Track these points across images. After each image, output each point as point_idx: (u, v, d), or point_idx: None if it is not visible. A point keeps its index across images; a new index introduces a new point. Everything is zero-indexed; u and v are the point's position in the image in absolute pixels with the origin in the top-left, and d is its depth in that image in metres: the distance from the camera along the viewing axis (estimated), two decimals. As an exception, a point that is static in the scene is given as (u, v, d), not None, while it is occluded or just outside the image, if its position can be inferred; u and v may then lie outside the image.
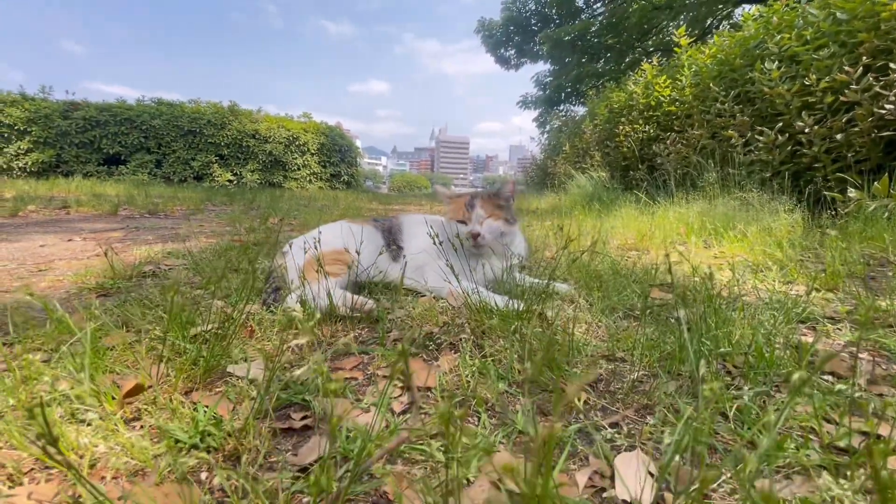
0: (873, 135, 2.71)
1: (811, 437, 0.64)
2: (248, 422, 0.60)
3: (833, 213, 2.70)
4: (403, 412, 0.75)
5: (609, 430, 0.68)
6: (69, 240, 2.70)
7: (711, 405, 0.70)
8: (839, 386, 0.68)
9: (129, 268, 1.75)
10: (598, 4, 13.06)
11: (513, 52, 14.67)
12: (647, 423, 0.69)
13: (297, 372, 0.54)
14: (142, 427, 0.67)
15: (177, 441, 0.62)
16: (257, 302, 1.25)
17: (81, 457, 0.58)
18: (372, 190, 18.42)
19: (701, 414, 0.48)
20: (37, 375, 0.72)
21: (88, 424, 0.64)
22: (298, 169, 11.27)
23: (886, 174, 2.39)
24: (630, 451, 0.62)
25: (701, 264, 1.76)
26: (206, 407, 0.70)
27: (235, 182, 10.47)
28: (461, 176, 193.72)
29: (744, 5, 10.84)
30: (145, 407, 0.70)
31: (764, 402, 0.75)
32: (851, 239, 2.13)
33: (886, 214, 2.32)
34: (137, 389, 0.72)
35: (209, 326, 1.00)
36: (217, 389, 0.80)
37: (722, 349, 0.81)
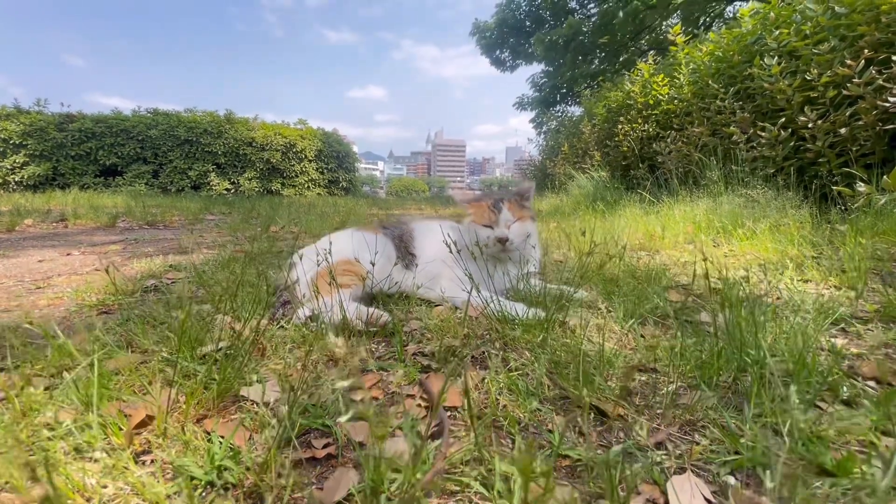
0: (878, 128, 2.68)
1: (872, 452, 0.60)
2: (270, 454, 0.55)
3: (842, 208, 2.67)
4: (431, 436, 0.70)
5: (655, 450, 0.64)
6: (68, 254, 2.65)
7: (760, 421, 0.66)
8: (902, 398, 0.64)
9: (131, 282, 1.70)
10: (591, 5, 13.09)
11: (507, 53, 14.68)
12: (696, 443, 0.64)
13: (338, 383, 0.49)
14: (153, 462, 0.62)
15: (191, 478, 0.57)
16: (266, 316, 1.21)
17: (88, 500, 0.53)
18: (370, 195, 18.38)
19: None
20: (39, 407, 0.68)
21: (95, 461, 0.59)
22: (296, 176, 11.23)
23: (895, 167, 2.36)
24: (681, 474, 0.58)
25: (721, 266, 1.72)
26: (222, 437, 0.65)
27: (233, 191, 10.42)
28: (458, 179, 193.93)
29: (735, 3, 10.89)
30: (156, 440, 0.65)
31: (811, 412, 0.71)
32: (863, 234, 2.10)
33: (897, 208, 2.29)
34: (147, 420, 0.68)
35: (219, 345, 0.96)
36: (231, 416, 0.75)
37: (767, 358, 0.76)
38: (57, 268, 2.23)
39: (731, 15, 10.93)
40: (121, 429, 0.67)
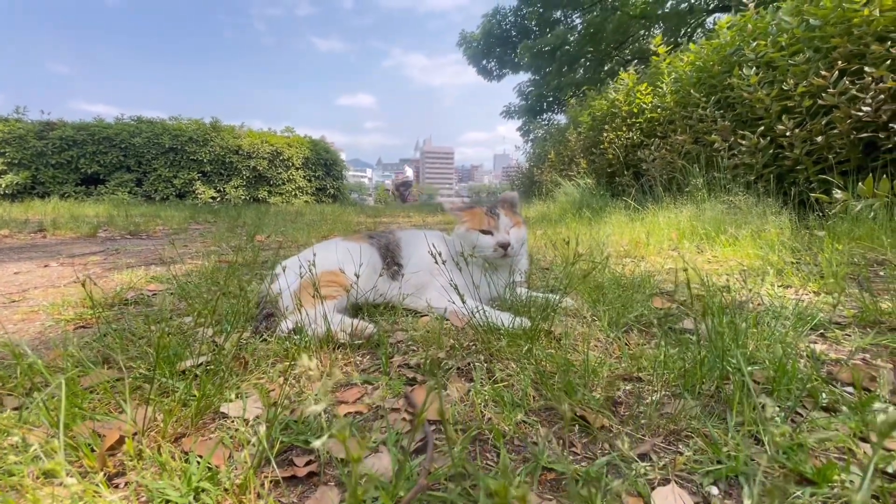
0: (852, 136, 2.76)
1: (851, 459, 0.61)
2: (249, 476, 0.54)
3: (820, 214, 2.74)
4: (416, 451, 0.69)
5: (639, 461, 0.64)
6: (45, 266, 2.58)
7: (743, 430, 0.67)
8: (878, 404, 0.65)
9: (110, 295, 1.66)
10: (576, 15, 13.35)
11: (494, 63, 14.86)
12: (680, 453, 0.64)
13: (310, 407, 0.48)
14: (126, 485, 0.60)
15: (167, 501, 0.56)
16: (248, 329, 1.19)
17: (58, 527, 0.51)
18: (358, 202, 18.31)
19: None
20: (6, 428, 0.65)
21: (65, 486, 0.57)
22: (283, 184, 11.14)
23: (870, 174, 2.43)
24: (665, 486, 0.58)
25: (704, 273, 1.74)
26: (200, 457, 0.63)
27: (219, 199, 10.29)
28: (447, 186, 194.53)
29: (715, 14, 11.20)
30: (130, 462, 0.63)
31: (792, 420, 0.72)
32: (840, 240, 2.15)
33: (872, 214, 2.36)
34: (121, 441, 0.65)
35: (199, 360, 0.93)
36: (211, 435, 0.73)
37: (746, 367, 0.77)
38: (33, 280, 2.17)
39: (711, 26, 11.24)
40: (93, 450, 0.65)
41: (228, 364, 0.84)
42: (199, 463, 0.62)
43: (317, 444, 0.35)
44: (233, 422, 0.76)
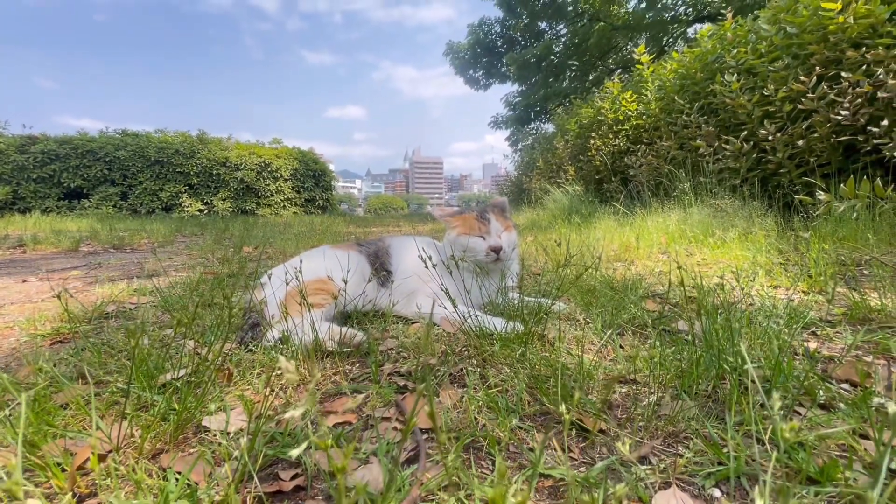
0: (832, 140, 2.82)
1: (853, 457, 0.59)
2: (230, 491, 0.50)
3: (804, 216, 2.78)
4: (408, 461, 0.66)
5: (639, 465, 0.61)
6: (24, 281, 2.50)
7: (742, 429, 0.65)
8: (876, 400, 0.64)
9: (90, 309, 1.60)
10: (561, 26, 13.60)
11: (481, 73, 15.03)
12: (679, 455, 0.62)
13: (288, 414, 0.45)
14: (99, 505, 0.57)
15: (142, 522, 0.52)
16: (234, 340, 1.15)
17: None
18: (348, 213, 18.24)
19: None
20: (-30, 449, 0.61)
21: (32, 509, 0.53)
22: (271, 195, 11.06)
23: (852, 177, 2.48)
24: (666, 489, 0.56)
25: (695, 274, 1.75)
26: (178, 474, 0.60)
27: (206, 211, 10.17)
28: (436, 196, 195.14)
29: (696, 24, 11.50)
30: (104, 481, 0.60)
31: (791, 418, 0.70)
32: (825, 240, 2.18)
33: (855, 215, 2.40)
34: (98, 458, 0.62)
35: (181, 372, 0.90)
36: (191, 450, 0.70)
37: (747, 363, 0.76)
38: (10, 296, 2.10)
39: (692, 35, 11.53)
40: (63, 470, 0.61)
41: (212, 375, 0.80)
42: (177, 480, 0.59)
43: (294, 453, 0.33)
44: (215, 435, 0.73)
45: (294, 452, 0.33)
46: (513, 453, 0.68)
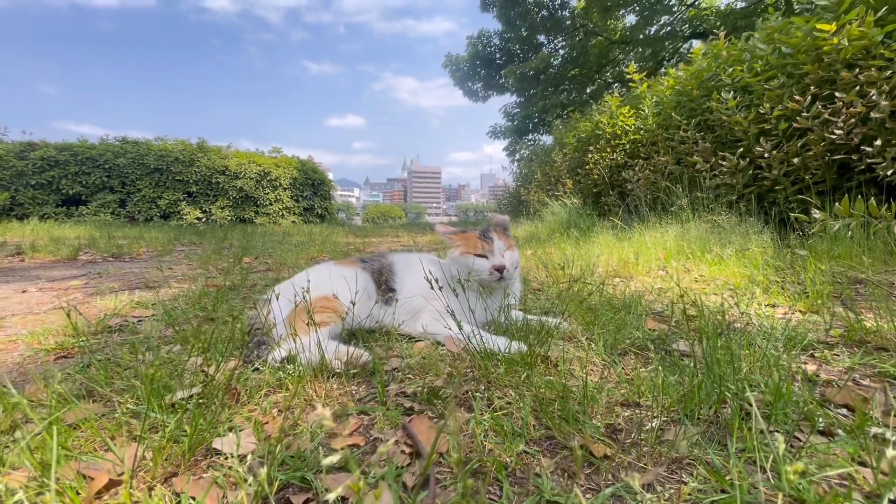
0: (827, 158, 2.88)
1: (852, 485, 0.61)
2: (246, 519, 0.52)
3: (800, 233, 2.82)
4: (417, 486, 0.67)
5: (644, 493, 0.63)
6: (23, 291, 2.50)
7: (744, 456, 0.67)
8: (875, 429, 0.66)
9: (93, 322, 1.61)
10: (559, 39, 13.81)
11: (480, 85, 15.20)
12: (684, 483, 0.64)
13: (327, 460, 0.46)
14: (116, 531, 0.58)
15: (160, 549, 0.53)
16: (239, 358, 1.16)
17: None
18: (346, 222, 18.25)
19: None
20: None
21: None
22: (270, 204, 11.09)
23: (846, 195, 2.53)
24: (671, 518, 0.57)
25: (694, 293, 1.77)
26: (193, 499, 0.61)
27: (205, 219, 10.17)
28: (434, 205, 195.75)
29: (692, 41, 11.70)
30: (120, 506, 0.60)
31: (791, 444, 0.72)
32: (821, 259, 2.22)
33: (850, 234, 2.44)
34: (111, 485, 0.63)
35: (190, 392, 0.91)
36: (203, 474, 0.71)
37: (747, 391, 0.78)
38: (10, 307, 2.10)
39: (687, 52, 11.73)
40: (78, 493, 0.62)
41: (221, 396, 0.81)
42: (191, 505, 0.60)
43: (332, 496, 0.34)
44: (226, 458, 0.74)
45: (331, 496, 0.34)
46: (519, 478, 0.69)
